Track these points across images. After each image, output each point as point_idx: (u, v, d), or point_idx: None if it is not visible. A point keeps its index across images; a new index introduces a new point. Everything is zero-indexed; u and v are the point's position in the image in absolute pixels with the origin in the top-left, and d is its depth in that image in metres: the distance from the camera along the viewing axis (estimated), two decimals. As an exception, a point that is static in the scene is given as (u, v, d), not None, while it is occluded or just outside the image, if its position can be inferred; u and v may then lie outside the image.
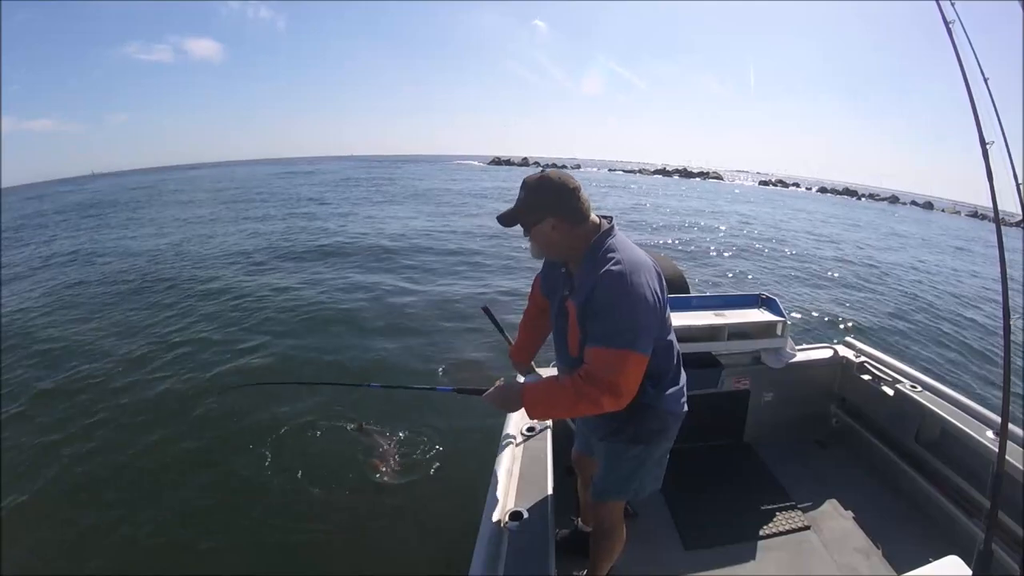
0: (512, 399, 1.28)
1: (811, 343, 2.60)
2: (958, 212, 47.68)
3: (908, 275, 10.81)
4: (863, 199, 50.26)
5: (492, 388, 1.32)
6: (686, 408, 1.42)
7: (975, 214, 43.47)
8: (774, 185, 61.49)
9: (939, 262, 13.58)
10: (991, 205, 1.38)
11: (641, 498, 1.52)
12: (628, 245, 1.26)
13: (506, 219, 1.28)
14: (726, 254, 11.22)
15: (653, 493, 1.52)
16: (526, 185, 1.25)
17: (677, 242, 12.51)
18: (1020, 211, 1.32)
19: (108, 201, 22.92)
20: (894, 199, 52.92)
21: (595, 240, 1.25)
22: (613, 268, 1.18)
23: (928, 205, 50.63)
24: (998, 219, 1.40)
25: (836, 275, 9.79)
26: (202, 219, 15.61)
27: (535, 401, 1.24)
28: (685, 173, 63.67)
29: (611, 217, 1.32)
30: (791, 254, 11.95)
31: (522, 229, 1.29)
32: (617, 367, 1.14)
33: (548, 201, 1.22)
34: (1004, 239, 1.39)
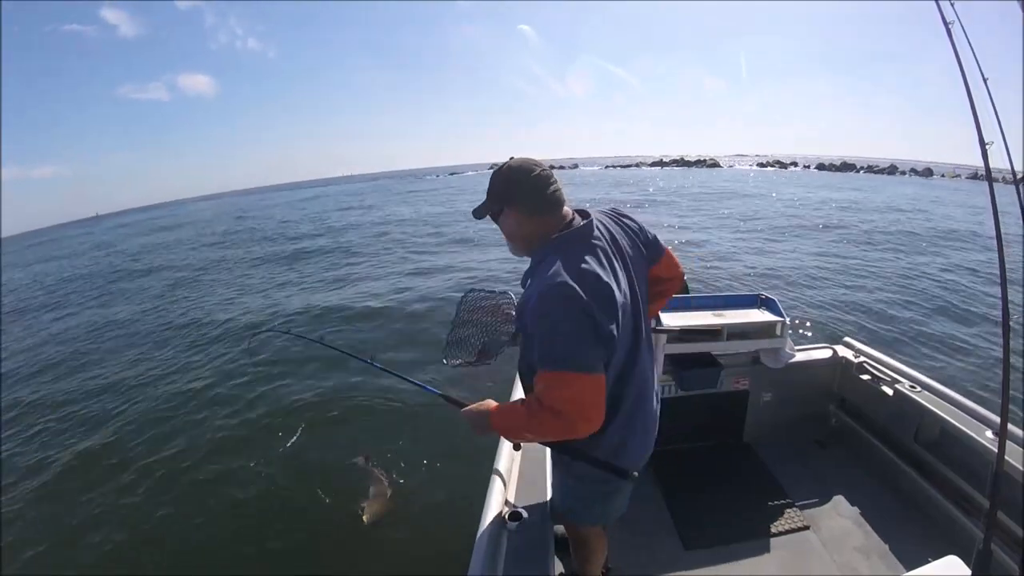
0: (482, 421, 1.20)
1: (812, 343, 2.60)
2: (958, 176, 46.64)
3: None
4: (862, 172, 49.60)
5: (472, 404, 1.24)
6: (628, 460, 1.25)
7: (975, 176, 41.52)
8: (771, 166, 61.02)
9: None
10: (990, 202, 1.35)
11: (583, 523, 1.46)
12: (577, 253, 1.10)
13: (478, 211, 1.24)
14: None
15: (595, 524, 1.46)
16: (492, 174, 1.21)
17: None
18: (1020, 210, 1.29)
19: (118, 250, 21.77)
20: (893, 169, 51.64)
21: (546, 246, 1.15)
22: (548, 283, 1.07)
23: (927, 172, 48.77)
24: (998, 221, 1.37)
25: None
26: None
27: (501, 424, 1.18)
28: (682, 163, 63.14)
29: (588, 213, 1.21)
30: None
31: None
32: (558, 389, 1.04)
33: (506, 190, 1.17)
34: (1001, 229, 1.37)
